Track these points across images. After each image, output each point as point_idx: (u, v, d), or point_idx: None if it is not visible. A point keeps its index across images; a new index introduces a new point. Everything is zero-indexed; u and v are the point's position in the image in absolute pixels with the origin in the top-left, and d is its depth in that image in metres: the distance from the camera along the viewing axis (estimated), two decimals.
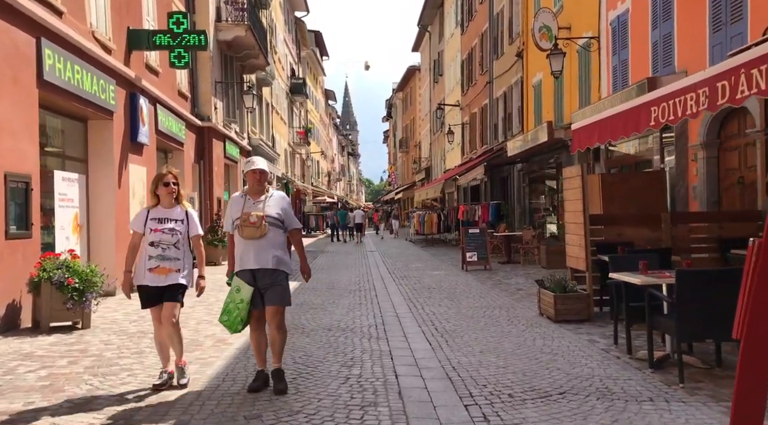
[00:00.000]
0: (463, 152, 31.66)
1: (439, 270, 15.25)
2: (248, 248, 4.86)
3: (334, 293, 11.31)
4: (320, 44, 52.42)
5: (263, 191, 5.04)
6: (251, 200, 4.97)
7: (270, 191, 5.09)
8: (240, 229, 4.87)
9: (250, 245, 4.85)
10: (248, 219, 4.84)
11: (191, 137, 17.11)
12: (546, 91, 18.32)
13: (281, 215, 4.99)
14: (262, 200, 4.98)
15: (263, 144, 25.95)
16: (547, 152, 17.90)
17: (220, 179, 19.14)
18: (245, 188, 5.13)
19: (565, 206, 8.43)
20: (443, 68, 38.34)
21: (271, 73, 26.83)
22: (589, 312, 7.76)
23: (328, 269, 16.21)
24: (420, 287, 11.87)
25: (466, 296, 10.49)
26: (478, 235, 15.00)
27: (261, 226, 4.82)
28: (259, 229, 4.82)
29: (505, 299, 10.08)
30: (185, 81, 16.88)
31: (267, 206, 4.95)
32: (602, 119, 7.36)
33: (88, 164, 10.99)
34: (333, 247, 26.67)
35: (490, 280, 12.85)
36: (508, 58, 22.75)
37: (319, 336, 7.33)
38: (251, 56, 21.13)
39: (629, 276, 5.65)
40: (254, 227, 4.82)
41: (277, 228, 4.94)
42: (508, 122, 22.95)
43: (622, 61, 13.03)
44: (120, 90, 11.42)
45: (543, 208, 19.77)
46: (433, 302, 9.98)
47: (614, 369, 5.51)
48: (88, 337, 7.27)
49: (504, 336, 7.13)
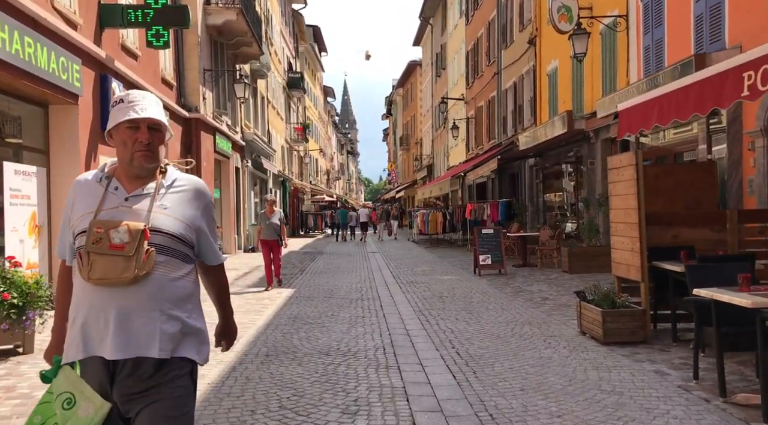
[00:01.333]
0: (468, 148, 30.23)
1: (449, 274, 13.82)
2: (103, 304, 2.08)
3: (332, 303, 9.88)
4: (318, 39, 50.96)
5: (154, 171, 2.24)
6: (122, 188, 2.19)
7: (172, 173, 2.28)
8: (83, 259, 2.08)
9: (107, 299, 2.08)
10: (108, 236, 2.07)
11: (177, 129, 15.67)
12: (563, 79, 16.89)
13: (190, 229, 2.22)
14: (149, 191, 2.20)
15: (258, 139, 24.51)
16: (564, 144, 16.48)
17: (209, 175, 17.69)
18: (109, 163, 2.30)
19: (612, 203, 7.01)
20: (446, 61, 36.91)
21: (266, 65, 25.38)
22: (645, 333, 6.33)
23: (327, 272, 14.78)
24: (430, 296, 10.45)
25: (485, 308, 9.06)
26: (492, 236, 13.58)
27: (137, 254, 2.06)
28: (131, 261, 2.05)
29: (532, 311, 8.65)
30: (170, 68, 15.45)
31: (160, 206, 2.17)
32: (664, 95, 5.93)
33: (50, 155, 9.56)
34: (332, 247, 25.23)
35: (508, 287, 11.42)
36: (518, 47, 21.32)
37: (315, 363, 5.91)
38: (244, 44, 19.68)
39: (728, 294, 4.23)
40: (120, 257, 2.05)
41: (176, 260, 2.17)
42: (519, 114, 21.52)
43: (656, 40, 11.60)
44: (87, 71, 9.98)
45: (558, 206, 18.35)
46: (448, 315, 8.55)
47: (712, 422, 4.08)
48: (24, 367, 5.83)
49: (545, 364, 5.70)
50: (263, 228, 11.90)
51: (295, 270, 15.39)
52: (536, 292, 10.64)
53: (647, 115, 6.21)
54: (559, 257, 14.35)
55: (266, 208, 12.03)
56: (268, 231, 11.82)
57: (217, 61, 18.65)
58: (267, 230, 11.85)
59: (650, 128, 6.29)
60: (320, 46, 52.43)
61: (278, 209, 12.00)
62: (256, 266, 16.28)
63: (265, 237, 11.87)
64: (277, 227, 11.84)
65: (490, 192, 26.08)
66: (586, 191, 15.02)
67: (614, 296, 6.58)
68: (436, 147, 41.34)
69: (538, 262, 14.70)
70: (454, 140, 32.28)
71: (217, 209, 19.62)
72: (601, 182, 14.38)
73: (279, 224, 11.87)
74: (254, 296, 10.69)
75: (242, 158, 22.68)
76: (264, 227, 11.90)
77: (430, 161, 44.02)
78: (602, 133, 14.19)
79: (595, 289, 6.82)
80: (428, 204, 34.64)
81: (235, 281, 13.07)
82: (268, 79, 29.00)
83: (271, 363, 5.91)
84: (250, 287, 11.94)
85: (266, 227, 11.86)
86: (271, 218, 11.82)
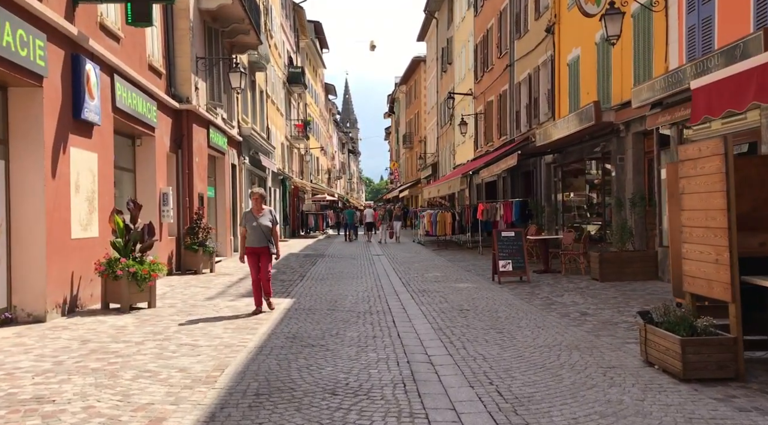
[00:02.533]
0: (477, 145, 28.89)
1: (465, 282, 12.49)
2: None
3: (337, 317, 8.56)
4: (320, 35, 49.56)
5: None
6: None
7: None
8: None
9: None
10: None
11: (166, 120, 14.34)
12: (586, 68, 15.55)
13: None
14: None
15: (256, 135, 23.18)
16: (589, 139, 15.14)
17: (203, 171, 16.37)
18: None
19: (684, 203, 5.68)
20: (453, 56, 35.56)
21: (264, 57, 24.04)
22: (737, 367, 5.00)
23: (330, 278, 13.45)
24: (449, 309, 9.12)
25: (516, 326, 7.73)
26: (512, 239, 12.24)
27: None
28: None
29: (574, 331, 7.32)
30: (159, 54, 14.12)
31: None
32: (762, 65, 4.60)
33: (9, 145, 8.22)
34: (334, 249, 23.87)
35: (535, 298, 10.10)
36: (533, 36, 19.98)
37: (318, 407, 4.58)
38: (240, 32, 18.34)
39: None
40: None
41: None
42: (534, 108, 20.18)
43: (703, 19, 10.27)
44: (55, 49, 8.65)
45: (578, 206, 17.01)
46: (474, 334, 7.23)
47: None
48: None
49: (617, 412, 4.37)
50: (249, 232, 8.81)
51: (295, 276, 14.06)
52: (570, 305, 9.30)
53: (740, 91, 4.88)
54: (585, 263, 13.02)
55: (252, 204, 8.99)
56: (256, 236, 8.77)
57: (212, 49, 17.31)
58: (254, 234, 8.78)
59: (744, 107, 4.96)
60: (321, 42, 51.03)
61: (268, 207, 9.12)
62: None
63: (252, 244, 8.80)
64: (267, 230, 8.80)
65: (501, 191, 24.73)
66: (615, 189, 13.68)
67: (692, 319, 5.25)
68: (441, 145, 40.00)
69: (561, 268, 13.36)
70: (462, 137, 30.93)
71: (212, 208, 18.30)
72: (633, 179, 13.06)
73: (270, 225, 8.84)
74: (247, 308, 9.38)
75: (239, 155, 21.34)
76: (250, 231, 8.80)
77: (435, 159, 42.67)
78: (634, 125, 12.86)
79: (666, 310, 5.49)
80: (433, 204, 33.29)
81: (227, 289, 11.73)
82: (268, 73, 27.67)
83: (261, 408, 4.59)
84: (244, 296, 10.61)
85: (253, 231, 8.78)
86: (259, 218, 8.81)
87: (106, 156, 10.51)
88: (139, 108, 12.12)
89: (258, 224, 8.80)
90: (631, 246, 12.12)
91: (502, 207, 19.50)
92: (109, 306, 9.30)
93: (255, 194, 9.01)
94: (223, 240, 18.83)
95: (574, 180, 17.63)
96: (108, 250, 9.54)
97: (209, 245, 14.46)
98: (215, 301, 10.11)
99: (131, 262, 9.13)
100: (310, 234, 38.12)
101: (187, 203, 15.13)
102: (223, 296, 10.82)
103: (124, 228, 9.37)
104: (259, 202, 8.91)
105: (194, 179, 15.50)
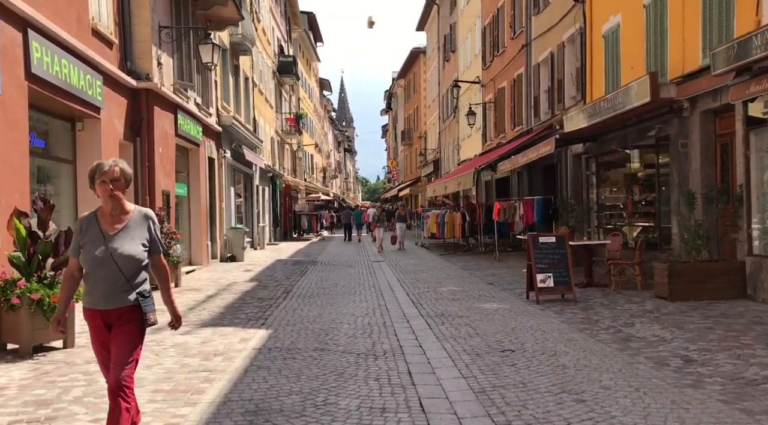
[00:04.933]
0: (486, 138, 26.22)
1: (492, 301, 9.82)
2: None
3: (327, 364, 5.89)
4: (314, 28, 46.82)
5: None
6: None
7: None
8: None
9: None
10: None
11: (118, 101, 11.66)
12: (630, 38, 12.89)
13: None
14: None
15: (239, 125, 20.46)
16: (635, 123, 12.48)
17: (168, 164, 13.64)
18: None
19: None
20: (456, 43, 32.92)
21: (249, 38, 21.35)
22: None
23: (321, 295, 10.74)
24: (485, 349, 6.43)
25: (598, 384, 5.05)
26: (554, 246, 9.59)
27: None
28: None
29: (693, 395, 4.64)
30: (108, 19, 11.43)
31: None
32: None
33: None
34: (329, 253, 21.17)
35: (597, 327, 7.43)
36: (555, 9, 17.33)
37: None
38: (215, 1, 15.63)
39: None
40: None
41: None
42: (558, 91, 17.51)
43: None
44: None
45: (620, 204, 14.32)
46: (540, 405, 4.56)
47: None
48: None
49: None
50: (87, 269, 3.49)
51: (278, 292, 11.37)
52: (654, 341, 6.62)
53: None
54: (642, 275, 10.37)
55: (100, 196, 3.49)
56: (103, 280, 3.46)
57: (180, 18, 14.60)
58: (98, 274, 3.45)
59: None
60: (315, 35, 48.25)
61: (145, 209, 3.64)
62: (227, 285, 12.24)
63: (96, 300, 3.53)
64: (132, 265, 3.49)
65: (515, 189, 22.06)
66: (677, 182, 11.02)
67: None
68: (444, 140, 37.34)
69: (609, 281, 10.70)
70: (468, 130, 28.26)
71: (183, 208, 15.60)
72: (701, 169, 10.42)
73: (140, 256, 3.50)
74: (203, 347, 6.70)
75: (218, 147, 18.63)
76: (88, 268, 3.48)
77: (437, 155, 40.01)
78: (703, 101, 10.22)
79: None
80: (435, 203, 30.62)
81: (186, 314, 8.82)
82: (255, 59, 24.98)
83: None
84: (205, 326, 7.92)
85: (96, 268, 3.44)
86: (114, 237, 3.47)
87: (13, 138, 7.81)
88: (74, 81, 9.43)
89: (108, 253, 3.45)
90: (706, 255, 9.47)
91: (521, 206, 16.86)
92: (7, 347, 6.61)
93: (106, 173, 3.46)
94: (198, 246, 16.15)
95: (613, 173, 14.94)
96: (4, 267, 6.84)
97: (172, 253, 11.75)
98: (160, 335, 7.33)
99: (35, 285, 6.44)
100: (303, 236, 35.42)
101: (147, 202, 12.39)
102: (183, 320, 8.08)
103: (27, 236, 6.65)
104: (117, 196, 3.49)
105: (157, 173, 12.78)
